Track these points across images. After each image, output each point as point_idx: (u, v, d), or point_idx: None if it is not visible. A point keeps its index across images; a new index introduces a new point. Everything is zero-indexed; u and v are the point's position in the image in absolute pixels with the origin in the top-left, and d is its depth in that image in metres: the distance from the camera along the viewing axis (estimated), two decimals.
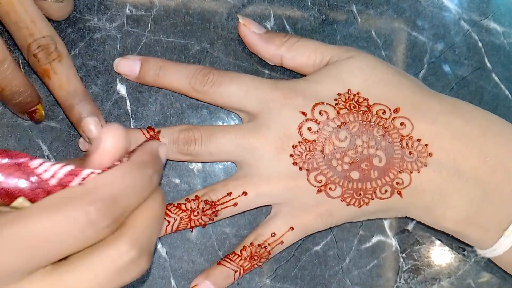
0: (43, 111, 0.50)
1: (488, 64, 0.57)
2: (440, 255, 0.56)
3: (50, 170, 0.33)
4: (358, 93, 0.49)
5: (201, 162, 0.54)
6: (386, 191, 0.49)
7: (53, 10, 0.49)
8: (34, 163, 0.33)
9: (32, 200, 0.34)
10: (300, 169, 0.49)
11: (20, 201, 0.34)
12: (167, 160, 0.53)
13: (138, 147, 0.36)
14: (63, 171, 0.33)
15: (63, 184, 0.33)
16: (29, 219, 0.31)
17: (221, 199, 0.50)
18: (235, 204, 0.50)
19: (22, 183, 0.33)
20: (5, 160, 0.33)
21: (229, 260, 0.51)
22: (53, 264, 0.32)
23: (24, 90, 0.48)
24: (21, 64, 0.52)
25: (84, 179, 0.33)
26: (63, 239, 0.31)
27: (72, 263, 0.32)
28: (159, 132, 0.50)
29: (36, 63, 0.48)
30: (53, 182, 0.33)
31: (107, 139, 0.34)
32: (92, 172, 0.34)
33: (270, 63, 0.54)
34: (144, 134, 0.50)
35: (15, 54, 0.52)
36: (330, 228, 0.54)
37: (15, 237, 0.31)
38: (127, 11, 0.54)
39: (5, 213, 0.32)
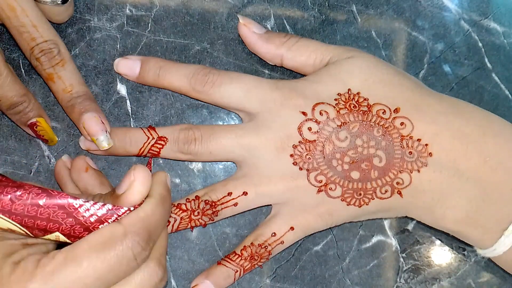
0: (46, 125, 0.50)
1: (488, 64, 0.57)
2: (440, 255, 0.56)
3: (91, 210, 0.37)
4: (358, 93, 0.49)
5: (201, 162, 0.54)
6: (386, 191, 0.49)
7: (52, 13, 0.49)
8: (77, 203, 0.36)
9: (67, 235, 0.37)
10: (300, 169, 0.49)
11: (55, 235, 0.37)
12: (167, 159, 0.53)
13: (153, 179, 0.41)
14: (102, 210, 0.37)
15: (102, 221, 0.37)
16: (81, 260, 0.35)
17: (221, 199, 0.50)
18: (235, 204, 0.50)
19: (64, 221, 0.37)
20: (45, 200, 0.36)
21: (229, 260, 0.51)
22: None
23: (21, 100, 0.48)
24: (21, 65, 0.52)
25: (119, 215, 0.38)
26: (114, 274, 0.36)
27: None
28: (161, 138, 0.50)
29: (40, 67, 0.48)
30: (92, 219, 0.37)
31: (138, 184, 0.39)
32: (128, 209, 0.38)
33: (270, 63, 0.54)
34: (144, 133, 0.50)
35: (18, 55, 0.52)
36: (330, 228, 0.54)
37: (72, 279, 0.35)
38: (127, 11, 0.54)
39: (50, 256, 0.36)
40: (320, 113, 0.49)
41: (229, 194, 0.50)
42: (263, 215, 0.54)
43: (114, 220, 0.37)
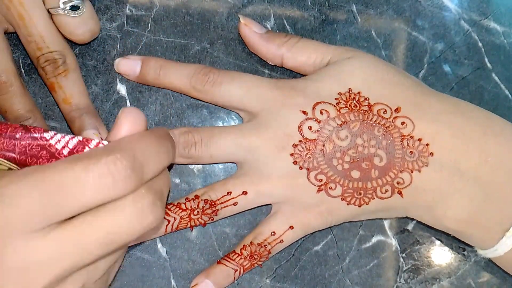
0: None
1: (488, 64, 0.57)
2: (440, 255, 0.56)
3: (62, 141, 0.36)
4: (359, 93, 0.49)
5: (202, 165, 0.54)
6: (386, 191, 0.49)
7: (70, 27, 0.49)
8: (48, 134, 0.36)
9: None
10: (301, 168, 0.49)
11: None
12: None
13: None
14: (73, 141, 0.36)
15: (74, 153, 0.36)
16: (50, 168, 0.32)
17: (220, 198, 0.50)
18: (235, 204, 0.50)
19: (39, 154, 0.36)
20: (21, 134, 0.36)
21: (229, 259, 0.51)
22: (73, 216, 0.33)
23: (27, 116, 0.49)
24: (21, 65, 0.52)
25: (92, 149, 0.36)
26: (81, 189, 0.32)
27: (95, 210, 0.33)
28: None
29: (44, 76, 0.49)
30: (65, 151, 0.36)
31: (124, 124, 0.37)
32: (99, 142, 0.36)
33: (270, 63, 0.54)
34: None
35: (18, 55, 0.52)
36: (330, 227, 0.54)
37: (36, 183, 0.32)
38: (127, 11, 0.54)
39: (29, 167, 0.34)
40: (321, 112, 0.49)
41: (229, 193, 0.50)
42: (263, 215, 0.54)
43: None
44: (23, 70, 0.52)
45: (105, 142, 0.37)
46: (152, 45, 0.54)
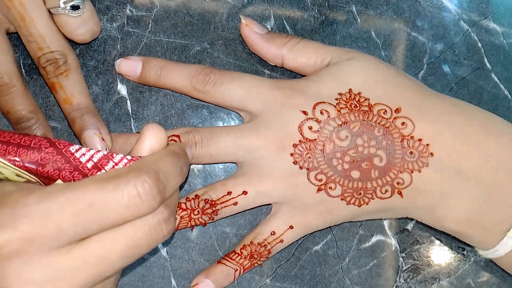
0: None
1: (488, 64, 0.57)
2: (440, 255, 0.56)
3: (87, 155, 0.37)
4: (359, 93, 0.49)
5: (202, 164, 0.54)
6: (386, 191, 0.49)
7: (71, 27, 0.49)
8: (73, 148, 0.37)
9: (68, 182, 0.37)
10: (301, 168, 0.49)
11: (58, 183, 0.37)
12: None
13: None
14: (98, 155, 0.37)
15: (98, 167, 0.37)
16: (81, 188, 0.34)
17: (221, 198, 0.50)
18: (235, 203, 0.50)
19: (63, 167, 0.37)
20: (45, 146, 0.36)
21: (229, 259, 0.51)
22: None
23: (29, 116, 0.49)
24: (21, 65, 0.52)
25: (116, 163, 0.37)
26: (111, 208, 0.34)
27: (114, 228, 0.35)
28: None
29: (45, 76, 0.49)
30: (89, 165, 0.37)
31: (147, 139, 0.39)
32: (123, 157, 0.38)
33: (270, 64, 0.54)
34: None
35: (18, 56, 0.52)
36: (330, 227, 0.54)
37: (67, 202, 0.33)
38: (128, 11, 0.54)
39: (52, 184, 0.36)
40: (321, 112, 0.49)
41: (229, 193, 0.50)
42: (263, 215, 0.54)
43: (111, 168, 0.37)
44: (23, 71, 0.52)
45: (128, 157, 0.38)
46: (152, 45, 0.54)
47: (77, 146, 0.37)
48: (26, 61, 0.52)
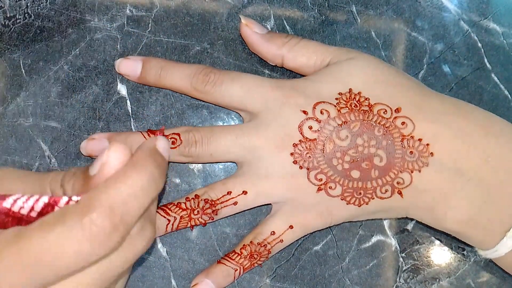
0: None
1: (488, 65, 0.57)
2: (440, 255, 0.56)
3: (26, 207, 0.32)
4: (359, 93, 0.49)
5: (202, 163, 0.54)
6: (386, 191, 0.49)
7: None
8: (7, 202, 0.32)
9: None
10: (301, 167, 0.49)
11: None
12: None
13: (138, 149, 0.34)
14: (39, 204, 0.32)
15: (44, 214, 0.32)
16: (27, 238, 0.30)
17: (221, 198, 0.50)
18: (235, 203, 0.50)
19: (5, 222, 0.32)
20: None
21: (229, 259, 0.51)
22: None
23: None
24: (21, 65, 0.52)
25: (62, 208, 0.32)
26: (62, 259, 0.30)
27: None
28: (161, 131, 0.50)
29: None
30: (33, 214, 0.32)
31: (109, 167, 0.33)
32: (69, 200, 0.32)
33: (270, 64, 0.54)
34: (144, 137, 0.50)
35: (18, 55, 0.52)
36: (330, 227, 0.54)
37: (15, 256, 0.29)
38: (128, 11, 0.54)
39: (2, 234, 0.31)
40: (321, 112, 0.49)
41: (229, 193, 0.50)
42: (263, 215, 0.54)
43: None
44: (23, 71, 0.52)
45: (75, 198, 0.32)
46: (152, 45, 0.54)
47: (12, 200, 0.32)
48: (25, 61, 0.52)
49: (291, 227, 0.51)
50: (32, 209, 0.32)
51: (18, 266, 0.29)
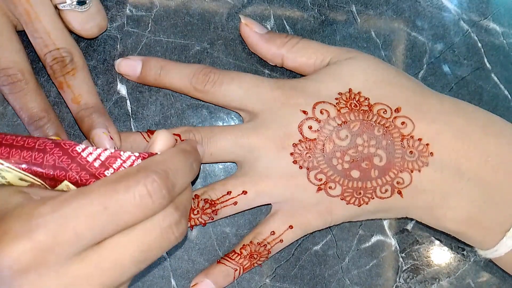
0: None
1: (488, 64, 0.57)
2: (440, 255, 0.56)
3: (94, 154, 0.37)
4: (359, 93, 0.49)
5: (202, 163, 0.54)
6: (386, 191, 0.49)
7: (78, 22, 0.49)
8: (79, 147, 0.37)
9: (75, 183, 0.37)
10: (300, 167, 0.49)
11: (65, 184, 0.37)
12: None
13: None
14: (105, 154, 0.38)
15: (106, 166, 0.37)
16: (93, 192, 0.34)
17: (220, 198, 0.50)
18: (235, 203, 0.50)
19: (69, 167, 0.37)
20: (52, 146, 0.37)
21: (229, 259, 0.51)
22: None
23: (41, 114, 0.49)
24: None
25: (124, 161, 0.38)
26: (124, 209, 0.34)
27: (128, 230, 0.35)
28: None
29: (52, 75, 0.49)
30: (96, 164, 0.37)
31: (157, 144, 0.40)
32: (131, 155, 0.38)
33: (270, 63, 0.54)
34: (144, 138, 0.50)
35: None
36: (329, 227, 0.54)
37: (81, 208, 0.34)
38: (127, 11, 0.54)
39: (63, 192, 0.36)
40: (321, 112, 0.49)
41: (229, 193, 0.50)
42: (263, 215, 0.54)
43: (119, 166, 0.38)
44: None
45: (136, 154, 0.38)
46: (152, 45, 0.54)
47: (83, 146, 0.37)
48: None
49: (291, 227, 0.51)
50: (98, 157, 0.37)
51: (85, 214, 0.34)
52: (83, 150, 0.37)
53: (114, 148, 0.39)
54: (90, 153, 0.37)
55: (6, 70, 0.47)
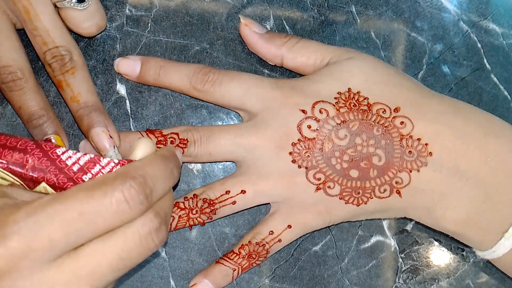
0: (61, 143, 0.49)
1: (487, 65, 0.57)
2: (439, 256, 0.56)
3: (73, 157, 0.38)
4: (358, 92, 0.49)
5: (201, 163, 0.54)
6: (385, 190, 0.49)
7: (77, 21, 0.49)
8: (60, 150, 0.37)
9: (53, 186, 0.37)
10: (299, 167, 0.49)
11: (43, 186, 0.37)
12: None
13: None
14: (84, 158, 0.38)
15: (84, 170, 0.38)
16: (69, 198, 0.34)
17: (219, 197, 0.50)
18: (234, 203, 0.50)
19: (48, 169, 0.37)
20: (31, 148, 0.37)
21: (227, 259, 0.51)
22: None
23: (40, 114, 0.49)
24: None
25: (103, 167, 0.38)
26: (100, 216, 0.34)
27: (106, 236, 0.35)
28: (161, 142, 0.50)
29: (51, 74, 0.49)
30: (75, 168, 0.38)
31: (137, 152, 0.39)
32: (110, 161, 0.38)
33: (270, 63, 0.54)
34: (143, 137, 0.50)
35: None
36: (329, 228, 0.54)
37: (56, 213, 0.33)
38: (127, 11, 0.54)
39: (43, 195, 0.35)
40: (320, 111, 0.49)
41: (227, 192, 0.50)
42: (262, 215, 0.54)
43: (97, 172, 0.38)
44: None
45: (116, 160, 0.38)
46: (151, 45, 0.54)
47: (64, 149, 0.38)
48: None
49: (289, 226, 0.51)
50: (77, 161, 0.38)
51: (61, 220, 0.33)
52: (63, 153, 0.37)
53: (94, 155, 0.38)
54: (70, 157, 0.38)
55: (5, 68, 0.47)
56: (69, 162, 0.37)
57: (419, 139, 0.48)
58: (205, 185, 0.52)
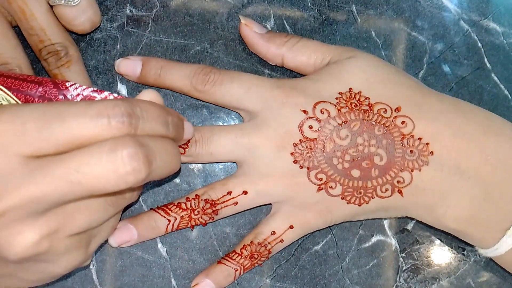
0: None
1: (488, 64, 0.57)
2: (440, 255, 0.56)
3: (79, 89, 0.40)
4: (359, 92, 0.49)
5: (202, 163, 0.54)
6: (386, 190, 0.49)
7: (70, 18, 0.49)
8: (69, 83, 0.40)
9: None
10: (301, 167, 0.49)
11: None
12: None
13: None
14: (88, 90, 0.40)
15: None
16: (58, 102, 0.35)
17: (221, 198, 0.50)
18: (235, 203, 0.50)
19: (56, 98, 0.40)
20: (48, 81, 0.40)
21: (229, 259, 0.51)
22: None
23: (10, 56, 0.48)
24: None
25: (104, 98, 0.40)
26: (79, 121, 0.34)
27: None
28: None
29: (47, 68, 0.49)
30: (79, 99, 0.40)
31: (141, 96, 0.40)
32: (111, 94, 0.40)
33: (270, 63, 0.54)
34: None
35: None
36: (330, 227, 0.54)
37: (39, 108, 0.34)
38: (128, 11, 0.54)
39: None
40: (321, 112, 0.49)
41: (229, 193, 0.50)
42: (263, 215, 0.54)
43: None
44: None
45: (115, 94, 0.40)
46: (152, 45, 0.54)
47: (72, 82, 0.40)
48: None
49: (291, 227, 0.51)
50: (81, 92, 0.40)
51: (39, 113, 0.33)
52: (71, 85, 0.40)
53: (97, 89, 0.41)
54: (76, 88, 0.40)
55: (4, 66, 0.47)
56: (74, 93, 0.40)
57: (420, 139, 0.48)
58: (206, 185, 0.52)
